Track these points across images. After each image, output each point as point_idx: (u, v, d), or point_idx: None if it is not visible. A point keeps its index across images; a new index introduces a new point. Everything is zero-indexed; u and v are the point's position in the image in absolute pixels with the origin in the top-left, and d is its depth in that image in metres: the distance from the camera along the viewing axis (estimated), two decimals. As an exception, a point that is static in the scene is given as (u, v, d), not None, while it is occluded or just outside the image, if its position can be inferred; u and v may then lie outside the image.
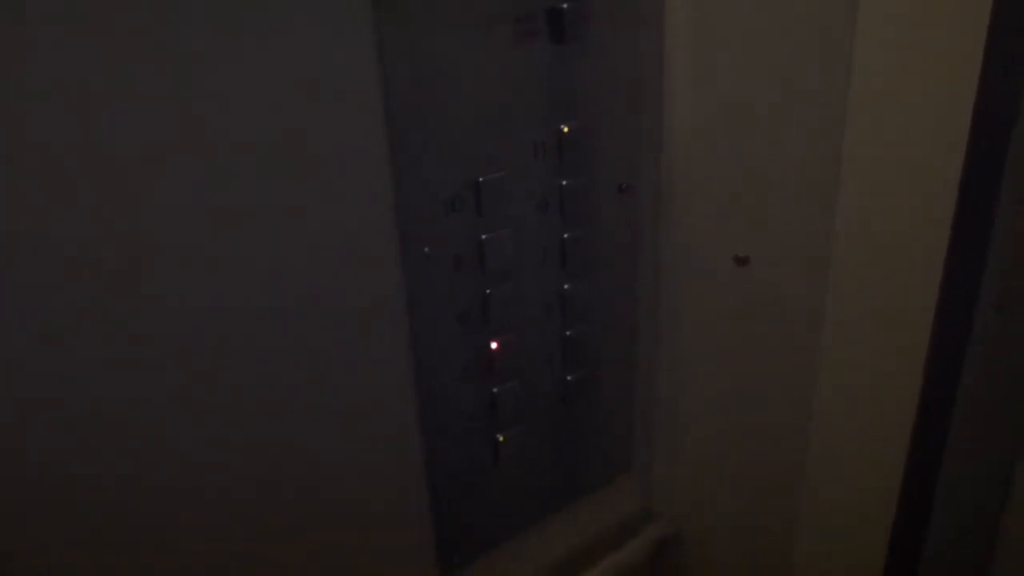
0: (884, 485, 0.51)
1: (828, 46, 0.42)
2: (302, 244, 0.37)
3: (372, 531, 0.44)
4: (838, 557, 0.55)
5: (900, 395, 0.47)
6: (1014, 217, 0.42)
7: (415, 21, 0.37)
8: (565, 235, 0.47)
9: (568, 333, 0.50)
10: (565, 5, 0.42)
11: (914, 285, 0.44)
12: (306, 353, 0.38)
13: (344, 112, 0.36)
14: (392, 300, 0.41)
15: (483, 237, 0.43)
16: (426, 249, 0.41)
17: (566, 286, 0.48)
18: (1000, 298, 0.44)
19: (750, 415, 0.54)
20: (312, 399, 0.39)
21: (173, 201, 0.32)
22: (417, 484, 0.45)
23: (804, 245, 0.47)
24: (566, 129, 0.45)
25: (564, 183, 0.46)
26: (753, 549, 0.58)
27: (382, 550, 0.45)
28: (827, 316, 0.47)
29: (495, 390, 0.47)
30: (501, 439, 0.48)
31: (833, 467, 0.52)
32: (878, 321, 0.46)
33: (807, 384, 0.50)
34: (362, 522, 0.44)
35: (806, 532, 0.54)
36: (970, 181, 0.40)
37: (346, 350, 0.40)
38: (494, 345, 0.46)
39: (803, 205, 0.46)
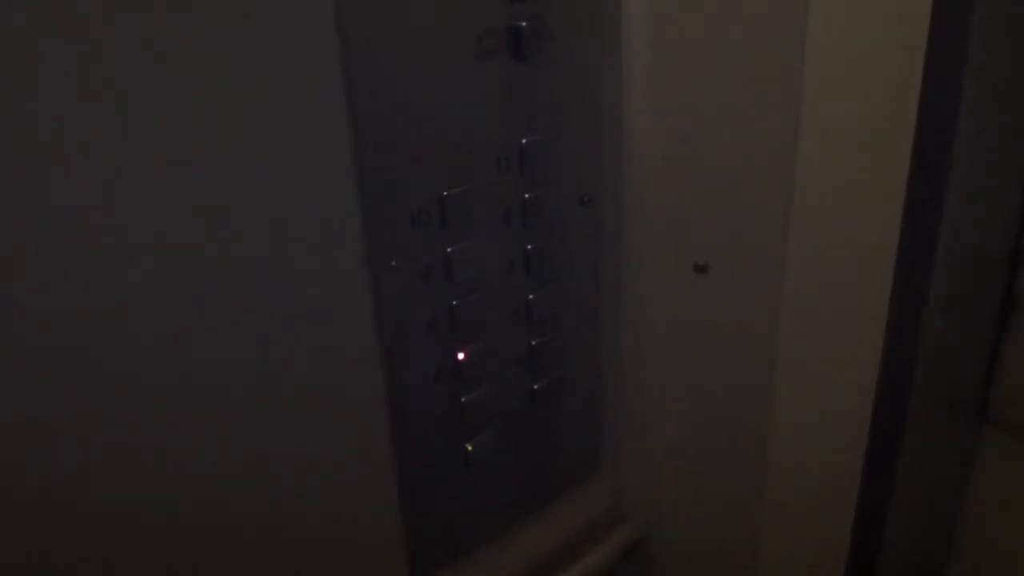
0: (844, 485, 0.52)
1: (782, 60, 0.43)
2: (268, 259, 0.37)
3: (344, 541, 0.44)
4: (802, 556, 0.56)
5: (857, 396, 0.48)
6: (956, 229, 0.43)
7: (379, 38, 0.37)
8: (529, 246, 0.47)
9: (534, 342, 0.50)
10: (525, 23, 0.42)
11: (866, 292, 0.45)
12: (274, 367, 0.38)
13: (308, 127, 0.36)
14: (360, 313, 0.41)
15: (449, 249, 0.43)
16: (393, 262, 0.41)
17: (531, 296, 0.49)
18: (945, 302, 0.46)
19: (714, 418, 0.55)
20: (281, 412, 0.39)
21: (131, 219, 0.32)
22: (388, 493, 0.46)
23: (761, 253, 0.48)
24: (528, 143, 0.45)
25: (527, 196, 0.46)
26: (720, 549, 0.59)
27: (354, 560, 0.45)
28: (784, 321, 0.48)
29: (463, 399, 0.47)
30: (470, 447, 0.48)
31: (795, 468, 0.53)
32: (834, 325, 0.47)
33: (767, 387, 0.51)
34: (334, 532, 0.44)
35: (771, 532, 0.55)
36: (916, 196, 0.41)
37: (315, 363, 0.40)
38: (462, 355, 0.46)
39: (760, 215, 0.47)
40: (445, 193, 0.42)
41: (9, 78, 0.28)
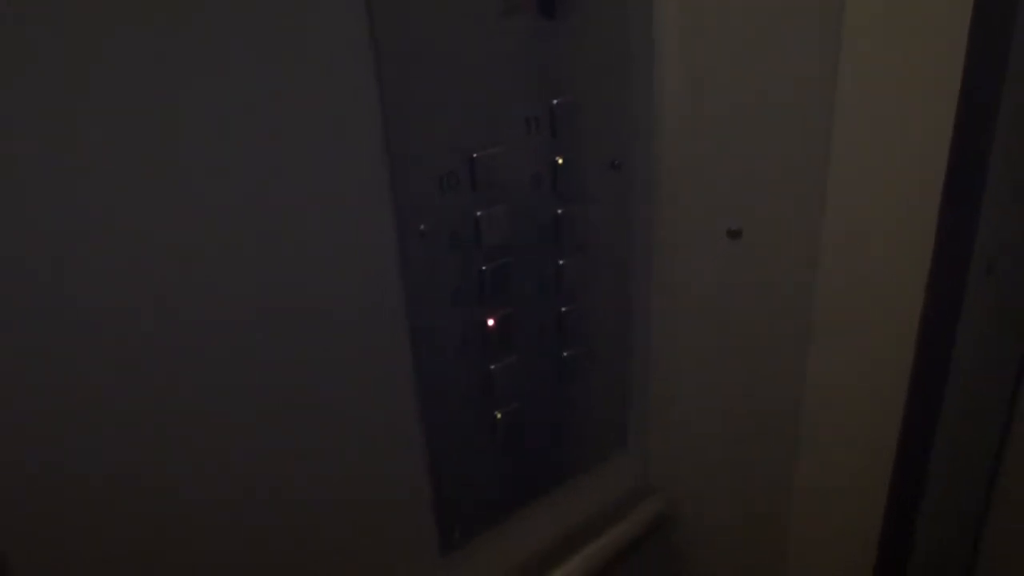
0: (878, 456, 0.51)
1: (819, 20, 0.42)
2: (298, 225, 0.36)
3: (374, 509, 0.44)
4: (833, 531, 0.55)
5: (894, 366, 0.47)
6: (1003, 179, 0.42)
7: None
8: (559, 211, 0.47)
9: (564, 309, 0.49)
10: (554, -22, 0.42)
11: (905, 254, 0.44)
12: (304, 334, 0.38)
13: (337, 91, 0.36)
14: (388, 278, 0.41)
15: (478, 214, 0.43)
16: (421, 226, 0.41)
17: (561, 262, 0.48)
18: (990, 260, 0.44)
19: (745, 390, 0.54)
20: (311, 380, 0.39)
21: (172, 189, 0.32)
22: (417, 461, 0.45)
23: (797, 216, 0.47)
24: (559, 104, 0.44)
25: (557, 159, 0.46)
26: (749, 522, 0.59)
27: (384, 527, 0.45)
28: (820, 287, 0.47)
29: (492, 367, 0.47)
30: (499, 416, 0.48)
31: (827, 439, 0.52)
32: (871, 294, 0.46)
33: (801, 358, 0.50)
34: (364, 500, 0.44)
35: (801, 505, 0.55)
36: (960, 147, 0.40)
37: (344, 330, 0.40)
38: (491, 322, 0.46)
39: (796, 178, 0.46)
40: (474, 155, 0.42)
41: (54, 80, 0.29)
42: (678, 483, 0.61)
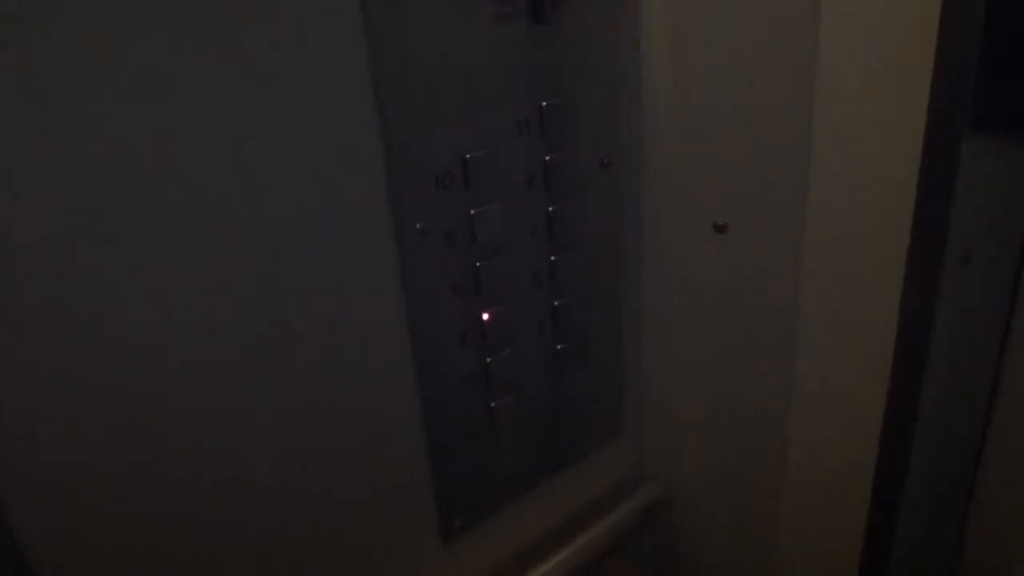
0: (866, 443, 0.52)
1: (799, 18, 0.43)
2: (298, 224, 0.37)
3: (375, 498, 0.45)
4: (823, 517, 0.56)
5: (876, 351, 0.48)
6: (975, 177, 0.43)
7: (401, 3, 0.38)
8: (551, 208, 0.48)
9: (557, 303, 0.51)
10: (544, -14, 0.43)
11: (884, 251, 0.45)
12: (307, 330, 0.39)
13: (334, 94, 0.37)
14: (387, 275, 0.42)
15: (472, 212, 0.44)
16: (418, 225, 0.42)
17: (553, 257, 0.49)
18: (966, 250, 0.45)
19: (735, 377, 0.56)
20: (314, 375, 0.40)
21: (166, 193, 0.33)
22: (417, 452, 0.46)
23: (780, 212, 0.48)
24: (548, 106, 0.45)
25: (548, 158, 0.47)
26: (742, 508, 0.60)
27: (385, 515, 0.46)
28: (803, 277, 0.48)
29: (488, 359, 0.48)
30: (495, 407, 0.49)
31: (816, 429, 0.53)
32: (853, 284, 0.47)
33: (789, 347, 0.51)
34: (365, 489, 0.45)
35: (792, 491, 0.56)
36: (933, 144, 0.41)
37: (344, 326, 0.41)
38: (486, 316, 0.47)
39: (778, 173, 0.47)
40: (468, 155, 0.43)
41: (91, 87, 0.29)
42: (673, 468, 0.62)
